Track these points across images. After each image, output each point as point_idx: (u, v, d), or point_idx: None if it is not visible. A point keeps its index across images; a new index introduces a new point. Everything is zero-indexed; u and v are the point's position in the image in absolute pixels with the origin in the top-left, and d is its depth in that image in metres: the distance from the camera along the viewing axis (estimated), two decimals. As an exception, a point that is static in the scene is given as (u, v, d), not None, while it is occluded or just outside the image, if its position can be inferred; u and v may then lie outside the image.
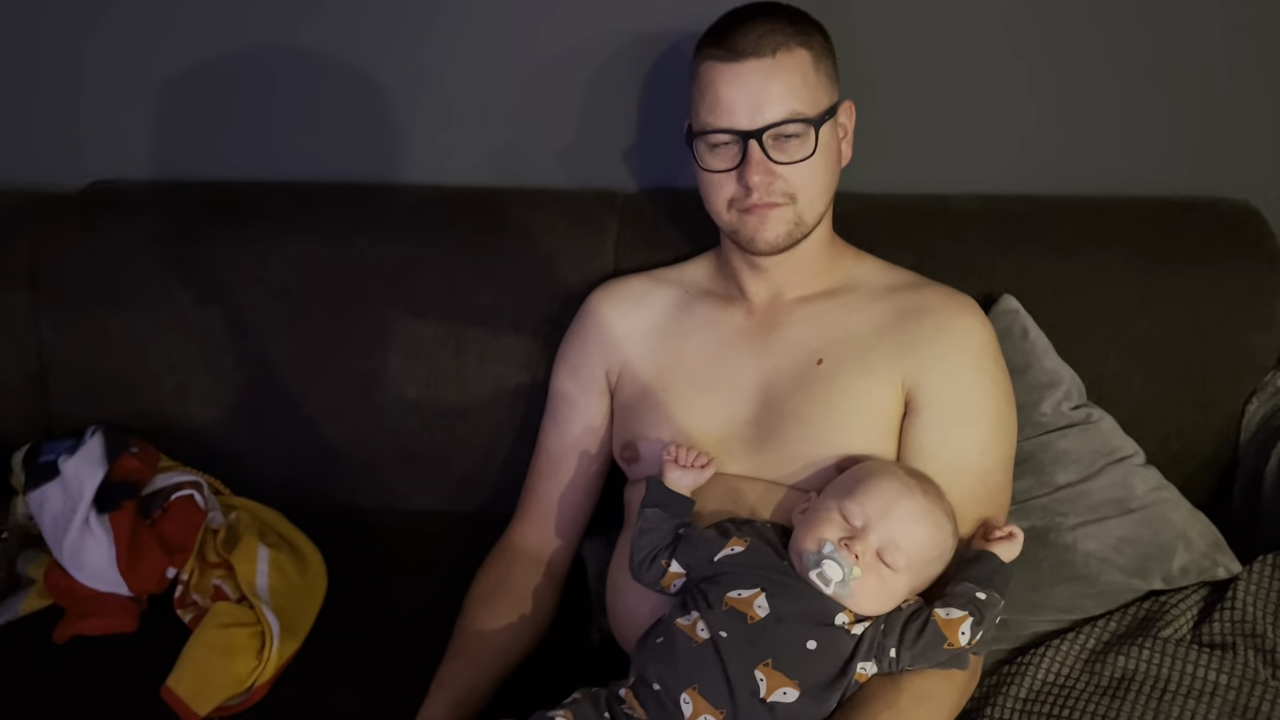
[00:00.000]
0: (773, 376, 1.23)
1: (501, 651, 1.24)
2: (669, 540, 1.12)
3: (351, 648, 1.36)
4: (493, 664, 1.23)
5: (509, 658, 1.25)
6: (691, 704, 1.00)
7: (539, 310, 1.48)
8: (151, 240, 1.53)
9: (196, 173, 1.63)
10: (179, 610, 1.38)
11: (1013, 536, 1.12)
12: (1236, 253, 1.40)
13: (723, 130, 1.17)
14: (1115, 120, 1.49)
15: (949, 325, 1.21)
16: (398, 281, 1.50)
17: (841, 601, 1.04)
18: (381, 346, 1.51)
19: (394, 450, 1.54)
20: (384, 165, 1.61)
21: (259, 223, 1.54)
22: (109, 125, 1.63)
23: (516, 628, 1.27)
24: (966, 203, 1.47)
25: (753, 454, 1.20)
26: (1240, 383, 1.41)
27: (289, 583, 1.38)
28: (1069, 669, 1.23)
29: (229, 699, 1.26)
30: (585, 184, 1.58)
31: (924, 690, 1.05)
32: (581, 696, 1.05)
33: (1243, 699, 1.17)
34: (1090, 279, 1.40)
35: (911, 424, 1.19)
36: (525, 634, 1.27)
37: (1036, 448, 1.33)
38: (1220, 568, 1.30)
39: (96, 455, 1.42)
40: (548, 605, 1.31)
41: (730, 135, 1.17)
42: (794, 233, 1.21)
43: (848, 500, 1.07)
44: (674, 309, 1.33)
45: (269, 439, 1.55)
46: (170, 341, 1.53)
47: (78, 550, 1.36)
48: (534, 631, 1.29)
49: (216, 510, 1.46)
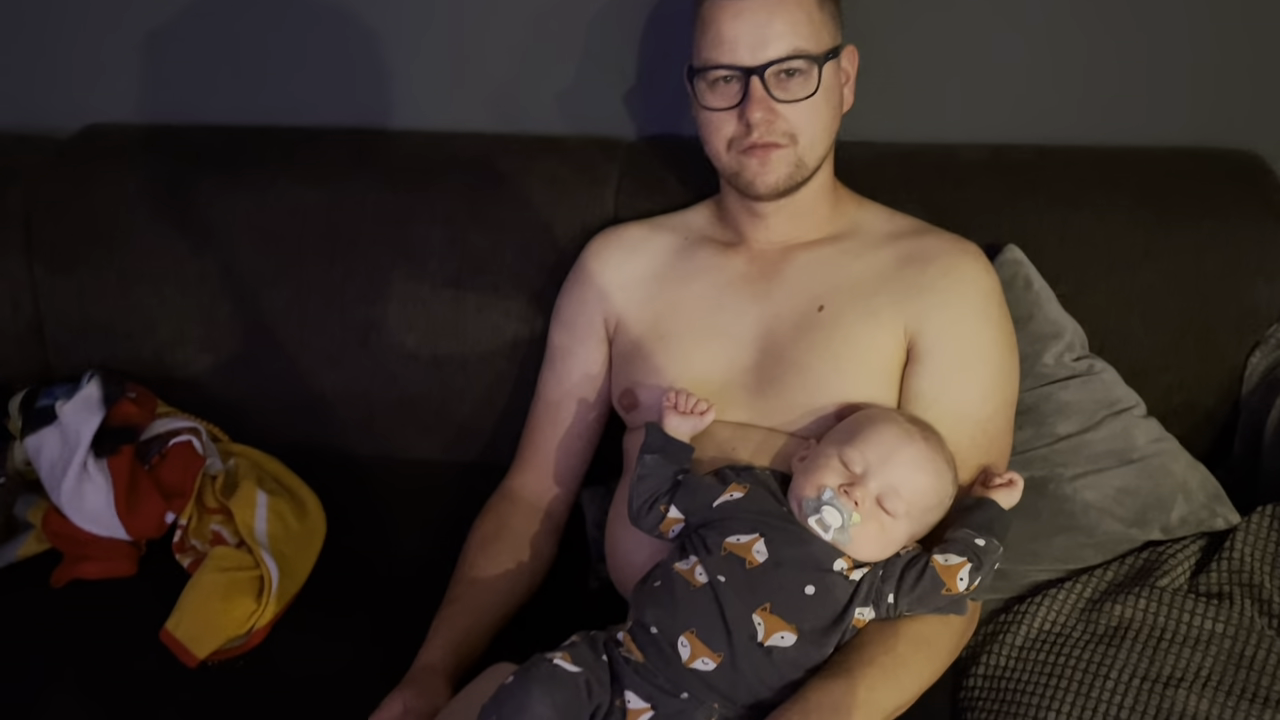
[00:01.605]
0: (773, 323, 1.23)
1: (500, 597, 1.24)
2: (668, 486, 1.12)
3: (349, 594, 1.36)
4: (491, 609, 1.23)
5: (507, 603, 1.25)
6: (689, 647, 1.00)
7: (538, 259, 1.47)
8: (147, 185, 1.52)
9: (192, 117, 1.62)
10: (178, 555, 1.38)
11: (1013, 483, 1.12)
12: (1243, 205, 1.39)
13: (724, 66, 1.16)
14: (1123, 71, 1.47)
15: (952, 271, 1.20)
16: (396, 229, 1.49)
17: (840, 548, 1.04)
18: (379, 294, 1.50)
19: (392, 399, 1.54)
20: (383, 111, 1.59)
21: (256, 168, 1.53)
22: (104, 68, 1.61)
23: (514, 574, 1.27)
24: (972, 153, 1.46)
25: (752, 401, 1.20)
26: (1243, 335, 1.40)
27: (288, 529, 1.38)
28: (1065, 617, 1.24)
29: (228, 642, 1.27)
30: (586, 131, 1.56)
31: (921, 635, 1.05)
32: (580, 639, 1.05)
33: (1238, 647, 1.17)
34: (1095, 230, 1.39)
35: (913, 371, 1.18)
36: (523, 580, 1.27)
37: (1038, 399, 1.33)
38: (1219, 518, 1.30)
39: (94, 400, 1.41)
40: (546, 552, 1.32)
41: (732, 71, 1.16)
42: (795, 175, 1.20)
43: (848, 447, 1.06)
44: (673, 255, 1.32)
45: (266, 387, 1.55)
46: (166, 288, 1.52)
47: (75, 494, 1.36)
48: (532, 578, 1.29)
49: (215, 456, 1.46)
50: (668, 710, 0.99)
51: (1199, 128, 1.47)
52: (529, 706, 0.94)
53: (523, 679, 0.96)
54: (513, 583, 1.26)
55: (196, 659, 1.24)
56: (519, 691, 0.95)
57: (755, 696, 1.00)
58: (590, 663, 1.01)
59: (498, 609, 1.24)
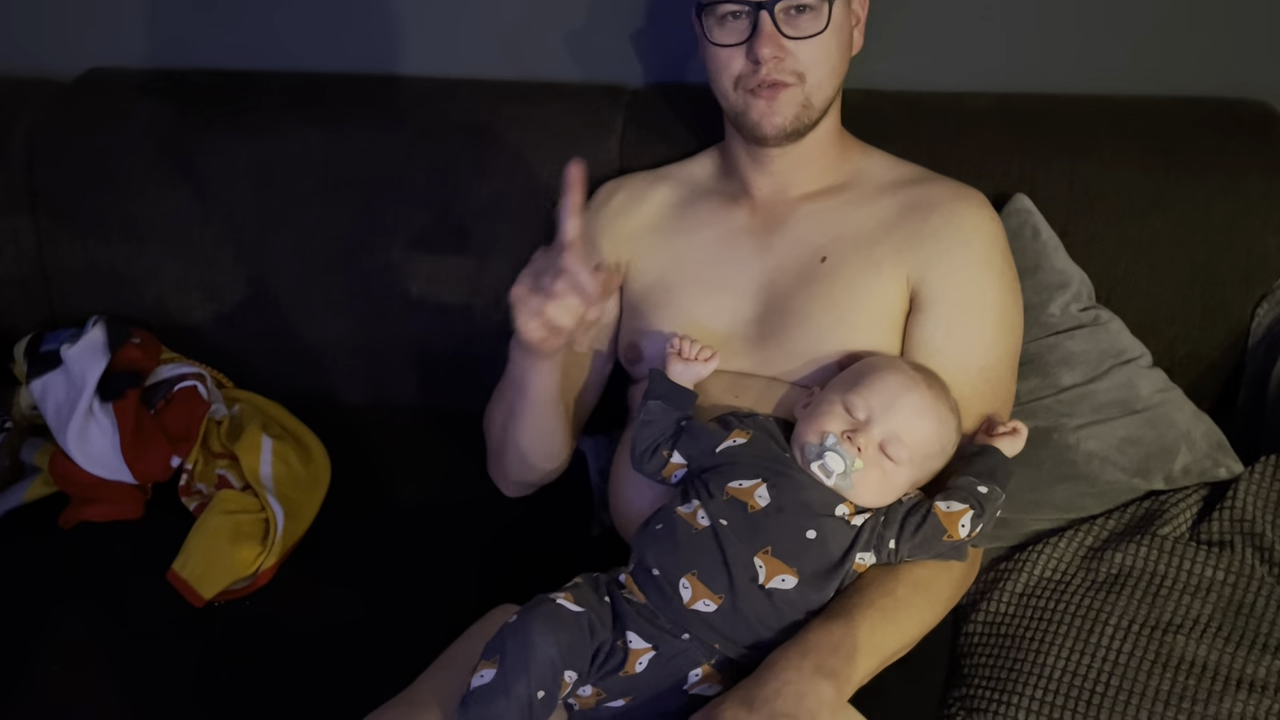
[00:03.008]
0: (776, 275, 1.22)
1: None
2: (671, 432, 1.12)
3: (354, 537, 1.37)
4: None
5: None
6: (690, 588, 1.01)
7: (542, 206, 1.46)
8: (149, 129, 1.51)
9: (195, 61, 1.60)
10: (184, 498, 1.39)
11: (1016, 432, 1.11)
12: (1253, 155, 1.38)
13: (734, 1, 1.14)
14: (1134, 18, 1.45)
15: (955, 219, 1.19)
16: (399, 175, 1.48)
17: (842, 493, 1.04)
18: (382, 241, 1.49)
19: (396, 346, 1.54)
20: (387, 56, 1.57)
21: (258, 113, 1.52)
22: (106, 12, 1.60)
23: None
24: (980, 100, 1.44)
25: (755, 352, 1.20)
26: (1251, 286, 1.39)
27: (293, 473, 1.39)
28: (1066, 564, 1.25)
29: (234, 583, 1.28)
30: (593, 77, 1.54)
31: (922, 579, 1.06)
32: (582, 581, 1.05)
33: (1238, 595, 1.18)
34: (1104, 179, 1.38)
35: (916, 320, 1.17)
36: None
37: (1043, 348, 1.33)
38: (1222, 468, 1.30)
39: (99, 344, 1.42)
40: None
41: (741, 6, 1.15)
42: (802, 117, 1.19)
43: (851, 393, 1.06)
44: (676, 207, 1.31)
45: (269, 333, 1.55)
46: (169, 233, 1.52)
47: (82, 438, 1.37)
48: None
49: (220, 402, 1.46)
50: (669, 650, 1.00)
51: (1210, 77, 1.45)
52: (533, 643, 0.94)
53: (526, 618, 0.97)
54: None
55: (203, 599, 1.26)
56: (523, 630, 0.96)
57: (756, 637, 1.01)
58: (593, 603, 1.01)
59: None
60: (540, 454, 1.24)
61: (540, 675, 0.93)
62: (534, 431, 1.21)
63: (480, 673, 0.95)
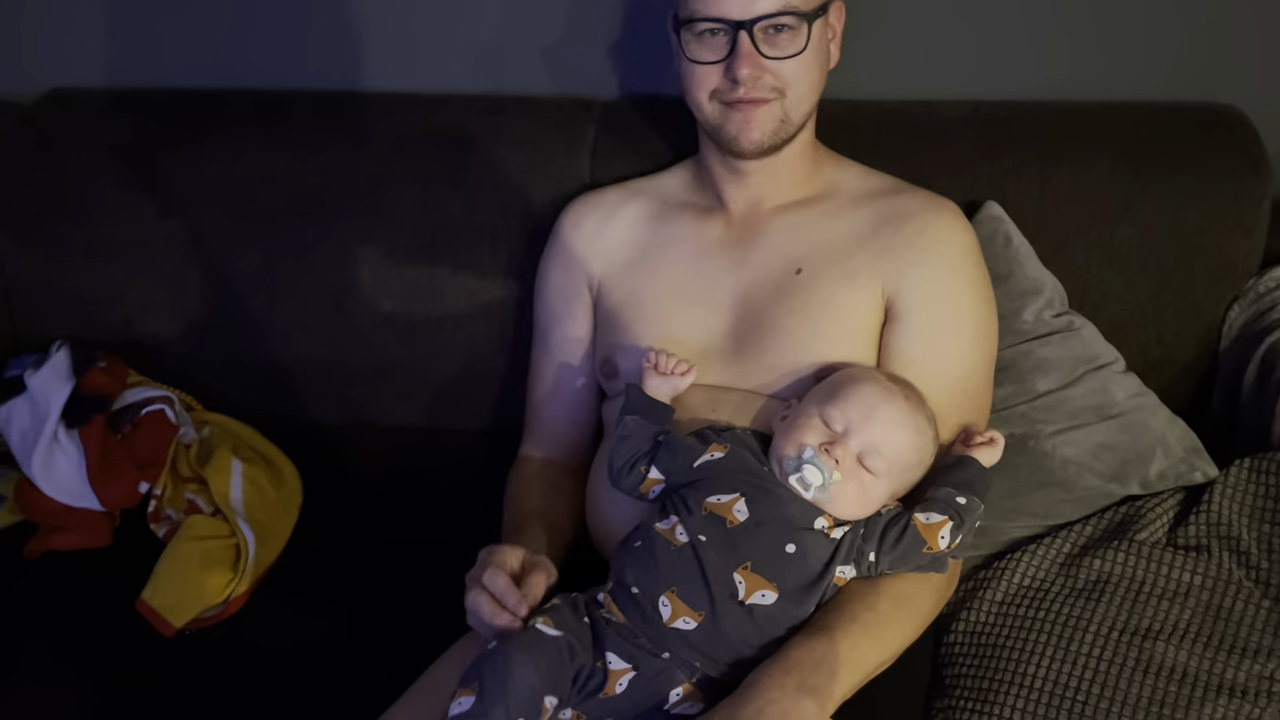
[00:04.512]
0: (751, 288, 1.22)
1: (564, 523, 1.23)
2: (648, 447, 1.11)
3: (327, 562, 1.35)
4: (559, 533, 1.20)
5: (567, 532, 1.22)
6: (670, 606, 1.00)
7: (514, 221, 1.45)
8: (112, 150, 1.50)
9: (158, 80, 1.58)
10: (152, 525, 1.36)
11: (993, 441, 1.11)
12: (1221, 158, 1.38)
13: (712, 19, 1.14)
14: (1102, 25, 1.45)
15: (929, 230, 1.19)
16: (368, 192, 1.47)
17: (821, 506, 1.03)
18: (351, 259, 1.48)
19: (367, 365, 1.52)
20: (353, 71, 1.56)
21: (224, 132, 1.51)
22: (68, 31, 1.58)
23: (568, 507, 1.25)
24: (951, 109, 1.45)
25: (731, 365, 1.19)
26: (1222, 289, 1.40)
27: (264, 496, 1.37)
28: (1045, 572, 1.24)
29: (204, 611, 1.26)
30: (563, 90, 1.53)
31: (902, 592, 1.05)
32: (560, 601, 1.04)
33: (1216, 599, 1.18)
34: (1074, 185, 1.38)
35: (891, 331, 1.17)
36: (576, 516, 1.25)
37: (1017, 355, 1.33)
38: (1198, 472, 1.30)
39: (63, 369, 1.39)
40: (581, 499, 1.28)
41: (719, 24, 1.14)
42: (779, 131, 1.18)
43: (829, 405, 1.06)
44: (650, 221, 1.31)
45: (238, 355, 1.53)
46: (134, 254, 1.50)
47: (47, 465, 1.34)
48: (579, 520, 1.26)
49: (189, 425, 1.44)
50: (649, 670, 0.99)
51: (1178, 82, 1.46)
52: (511, 670, 0.93)
53: (504, 645, 0.95)
54: (568, 515, 1.24)
55: (173, 628, 1.24)
56: (500, 656, 0.94)
57: (737, 655, 1.00)
58: (572, 625, 1.00)
59: (564, 534, 1.22)
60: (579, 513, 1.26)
61: (519, 702, 0.92)
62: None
63: (458, 700, 0.93)
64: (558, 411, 1.33)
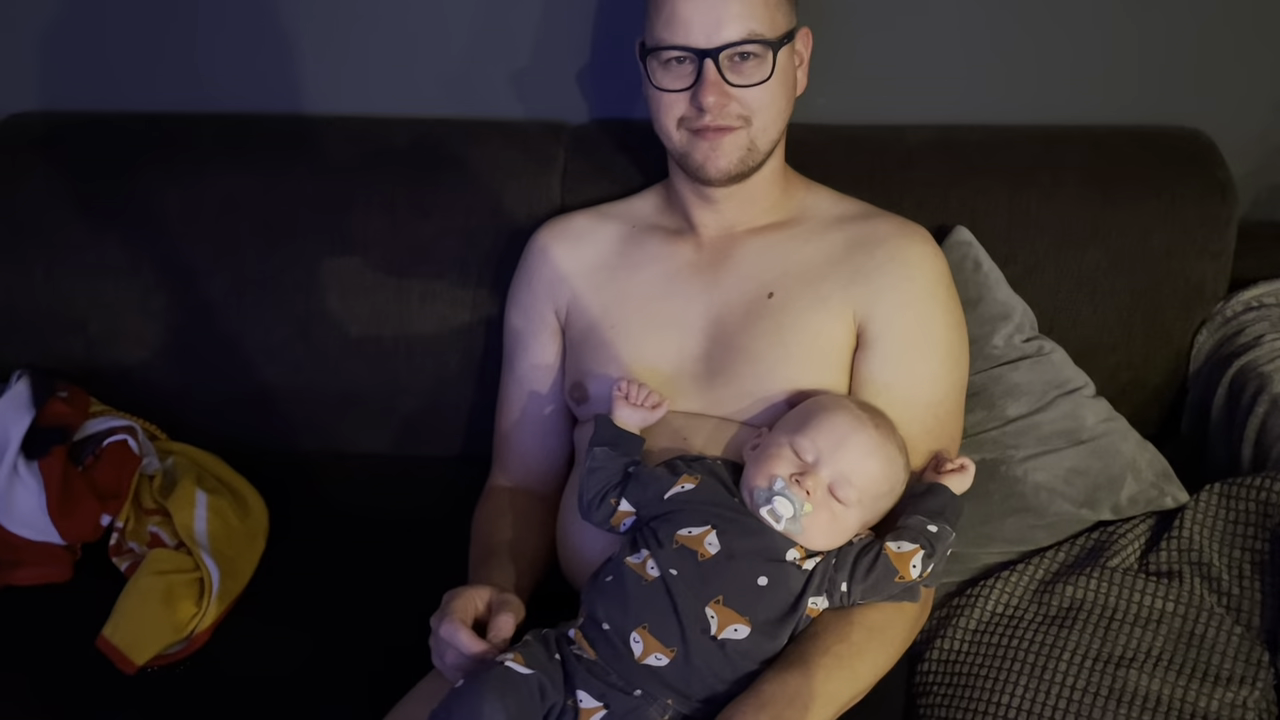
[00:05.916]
0: (722, 311, 1.21)
1: (531, 555, 1.22)
2: (618, 479, 1.10)
3: (294, 594, 1.33)
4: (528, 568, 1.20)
5: (535, 566, 1.22)
6: (642, 642, 0.98)
7: (483, 246, 1.44)
8: (75, 176, 1.47)
9: (121, 104, 1.56)
10: (114, 558, 1.34)
11: (964, 468, 1.11)
12: (1188, 182, 1.39)
13: (678, 48, 1.13)
14: (1069, 50, 1.46)
15: (900, 255, 1.19)
16: (335, 217, 1.45)
17: (793, 537, 1.03)
18: (319, 285, 1.46)
19: (335, 392, 1.50)
20: (318, 95, 1.54)
21: (188, 157, 1.48)
22: (26, 55, 1.55)
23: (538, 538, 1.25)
24: (919, 133, 1.45)
25: (703, 390, 1.18)
26: (1190, 313, 1.41)
27: (229, 528, 1.34)
28: (1018, 599, 1.24)
29: (168, 647, 1.24)
30: (533, 114, 1.53)
31: (875, 623, 1.05)
32: (532, 638, 1.02)
33: (1188, 625, 1.18)
34: (1042, 210, 1.39)
35: (862, 357, 1.17)
36: (546, 547, 1.25)
37: (988, 380, 1.33)
38: (1168, 497, 1.31)
39: (22, 400, 1.36)
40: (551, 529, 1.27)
41: (685, 53, 1.13)
42: (747, 159, 1.18)
43: (799, 435, 1.05)
44: (621, 244, 1.30)
45: (204, 382, 1.51)
46: (96, 282, 1.47)
47: (6, 498, 1.32)
48: (549, 550, 1.25)
49: (152, 455, 1.42)
50: (621, 708, 0.98)
51: (1145, 107, 1.47)
52: (481, 711, 0.91)
53: (474, 683, 0.94)
54: (539, 545, 1.23)
55: (135, 665, 1.21)
56: (471, 695, 0.93)
57: (710, 691, 0.99)
58: (543, 663, 0.99)
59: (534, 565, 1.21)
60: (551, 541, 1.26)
61: (489, 744, 0.91)
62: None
63: (427, 741, 0.92)
64: (527, 439, 1.32)
